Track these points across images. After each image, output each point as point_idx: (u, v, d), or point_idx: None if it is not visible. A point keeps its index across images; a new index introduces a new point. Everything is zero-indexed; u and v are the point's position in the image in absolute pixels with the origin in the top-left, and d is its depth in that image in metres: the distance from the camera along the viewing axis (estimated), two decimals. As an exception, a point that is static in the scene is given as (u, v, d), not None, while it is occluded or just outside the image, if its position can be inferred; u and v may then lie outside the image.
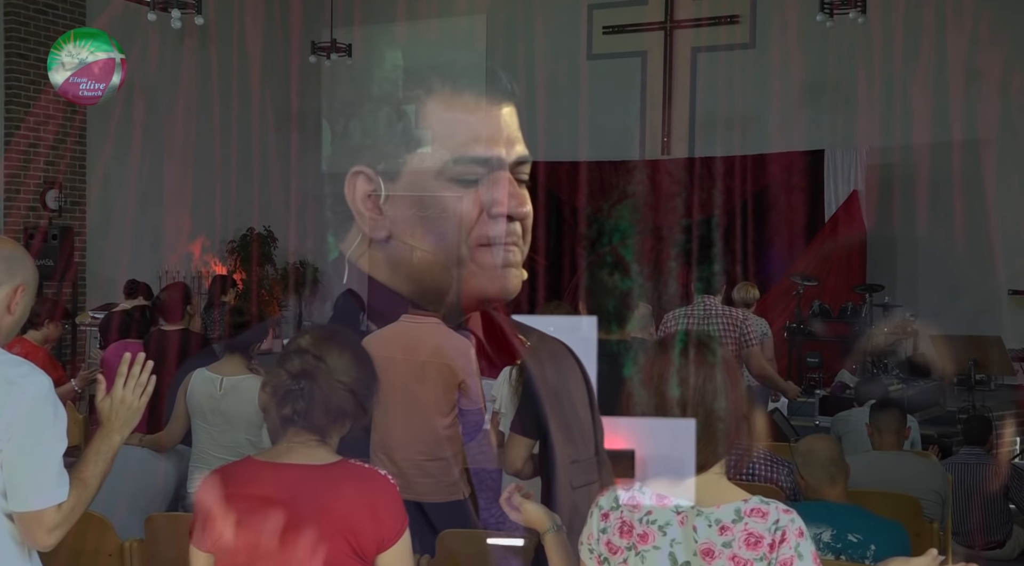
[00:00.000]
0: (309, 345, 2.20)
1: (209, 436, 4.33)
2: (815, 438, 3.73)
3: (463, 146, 2.70)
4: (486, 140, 2.73)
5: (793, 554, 1.85)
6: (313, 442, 2.18)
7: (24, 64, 9.29)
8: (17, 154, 9.35)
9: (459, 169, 2.69)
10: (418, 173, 2.74)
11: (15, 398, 2.19)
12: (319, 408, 2.16)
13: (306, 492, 2.12)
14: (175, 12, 8.16)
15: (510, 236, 2.72)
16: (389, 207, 2.81)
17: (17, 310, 2.35)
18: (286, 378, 2.16)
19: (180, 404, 4.40)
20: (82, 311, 9.31)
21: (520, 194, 2.70)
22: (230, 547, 2.12)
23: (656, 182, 10.45)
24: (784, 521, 1.86)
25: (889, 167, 9.95)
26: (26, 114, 9.38)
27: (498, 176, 2.72)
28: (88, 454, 2.32)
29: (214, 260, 10.96)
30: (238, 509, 2.12)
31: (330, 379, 2.16)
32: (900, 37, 9.58)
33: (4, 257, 2.34)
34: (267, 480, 2.15)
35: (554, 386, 2.87)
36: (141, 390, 2.37)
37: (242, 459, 2.28)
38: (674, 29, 10.87)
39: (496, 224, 2.71)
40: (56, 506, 2.22)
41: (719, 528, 1.88)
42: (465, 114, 2.74)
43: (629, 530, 1.95)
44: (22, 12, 9.30)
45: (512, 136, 2.77)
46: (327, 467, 2.16)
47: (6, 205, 9.31)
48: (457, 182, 2.71)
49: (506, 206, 2.68)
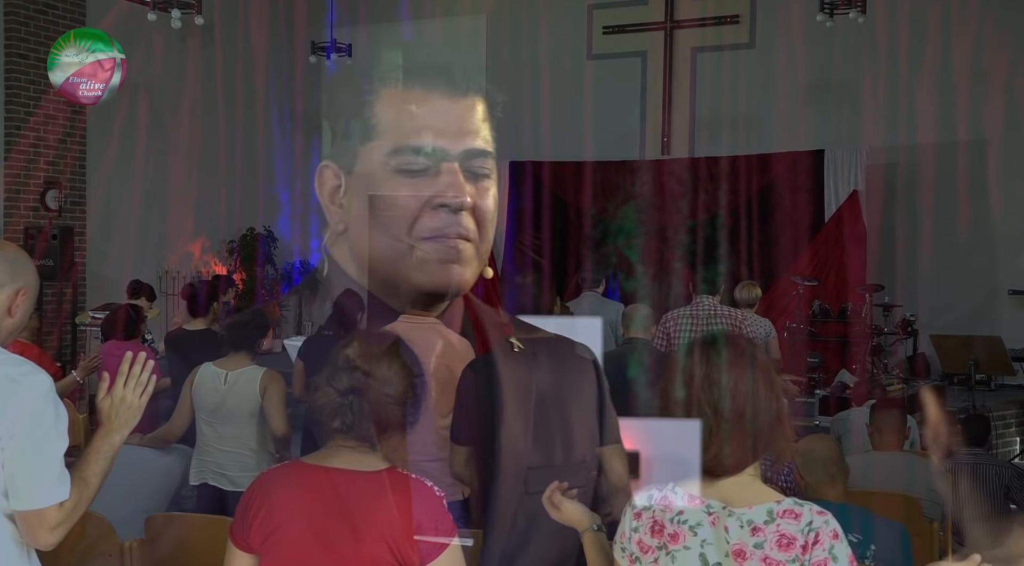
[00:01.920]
0: (357, 358, 2.19)
1: (212, 430, 4.36)
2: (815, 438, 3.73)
3: (405, 136, 2.70)
4: (432, 131, 2.72)
5: (827, 556, 1.84)
6: (363, 448, 2.18)
7: (24, 64, 9.29)
8: (18, 154, 9.35)
9: (401, 159, 2.68)
10: (367, 165, 2.74)
11: (17, 397, 2.20)
12: (367, 421, 2.16)
13: (351, 498, 2.12)
14: (175, 12, 8.16)
15: (456, 229, 2.71)
16: (347, 200, 2.81)
17: (18, 313, 2.36)
18: (335, 395, 2.16)
19: (185, 398, 4.44)
20: (82, 311, 9.31)
21: (461, 184, 2.68)
22: (274, 548, 2.12)
23: (656, 182, 10.45)
24: (818, 523, 1.86)
25: (889, 167, 9.95)
26: (27, 114, 9.38)
27: (443, 167, 2.71)
28: (89, 453, 2.32)
29: (214, 260, 10.96)
30: (284, 511, 2.13)
31: (379, 394, 2.17)
32: (900, 36, 9.58)
33: (6, 260, 2.36)
34: (314, 484, 2.15)
35: (527, 388, 2.85)
36: (141, 389, 2.38)
37: (290, 462, 2.30)
38: (674, 29, 10.87)
39: (437, 215, 2.69)
40: (58, 505, 2.22)
41: (751, 529, 1.87)
42: (413, 106, 2.74)
43: (660, 530, 1.95)
44: (22, 12, 9.30)
45: (464, 128, 2.75)
46: (373, 475, 2.16)
47: (7, 205, 9.31)
48: (401, 173, 2.70)
49: (445, 197, 2.67)
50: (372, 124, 2.75)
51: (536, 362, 2.90)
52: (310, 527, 2.11)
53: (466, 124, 2.76)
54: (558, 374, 2.92)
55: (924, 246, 9.77)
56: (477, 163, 2.73)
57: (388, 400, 2.17)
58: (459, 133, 2.73)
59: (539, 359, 2.93)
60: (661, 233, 10.41)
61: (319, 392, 2.18)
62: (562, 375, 2.92)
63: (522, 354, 2.91)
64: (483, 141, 2.77)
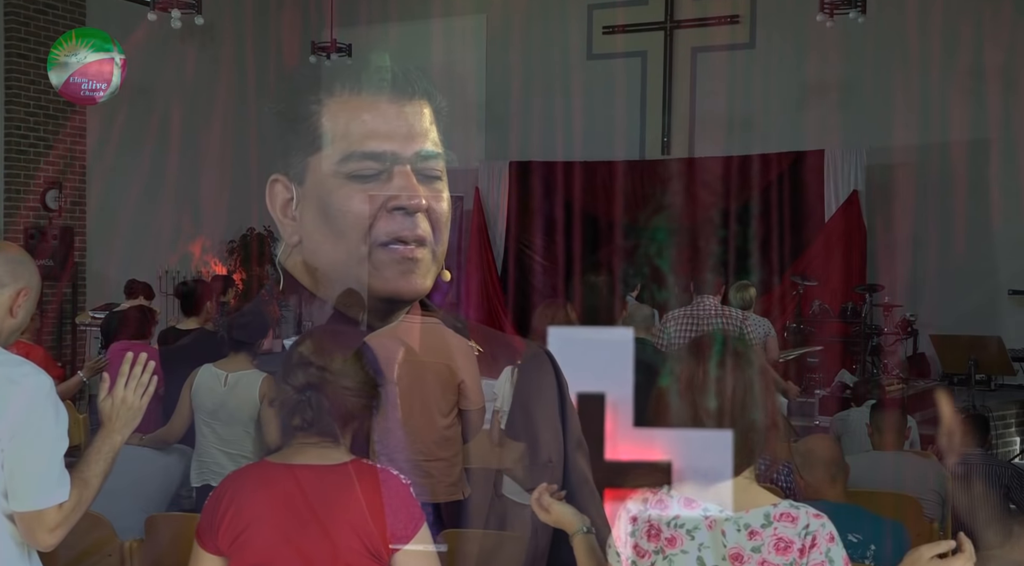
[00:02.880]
0: (311, 354, 2.20)
1: (212, 431, 4.35)
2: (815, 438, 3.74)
3: (356, 143, 2.70)
4: (380, 136, 2.71)
5: (824, 560, 1.84)
6: (326, 443, 2.19)
7: (24, 64, 9.28)
8: (17, 154, 9.35)
9: (352, 165, 2.68)
10: (318, 175, 2.75)
11: (17, 398, 2.20)
12: (328, 415, 2.17)
13: (318, 492, 2.13)
14: (175, 12, 8.15)
15: (414, 232, 2.71)
16: (300, 212, 2.81)
17: (19, 313, 2.37)
18: (292, 393, 2.17)
19: (185, 399, 4.43)
20: (82, 311, 9.31)
21: (415, 186, 2.68)
22: (243, 550, 2.12)
23: (656, 182, 10.46)
24: (815, 526, 1.86)
25: (889, 167, 9.95)
26: (27, 114, 9.38)
27: (395, 171, 2.71)
28: (89, 454, 2.32)
29: (214, 260, 10.96)
30: (251, 511, 2.13)
31: (336, 387, 2.18)
32: (900, 36, 9.59)
33: (8, 260, 2.36)
34: (280, 482, 2.15)
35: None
36: (143, 390, 2.38)
37: (256, 462, 2.29)
38: (674, 29, 10.87)
39: (393, 219, 2.69)
40: (57, 506, 2.22)
41: (748, 533, 1.87)
42: (360, 113, 2.74)
43: (657, 534, 1.94)
44: (22, 12, 9.30)
45: (413, 131, 2.75)
46: (339, 467, 2.17)
47: (6, 205, 9.31)
48: (352, 179, 2.70)
49: (400, 199, 2.67)
50: (320, 133, 2.75)
51: (496, 365, 2.91)
52: (279, 526, 2.12)
53: (415, 127, 2.77)
54: (522, 381, 2.93)
55: (924, 246, 9.77)
56: (429, 165, 2.74)
57: (347, 392, 2.18)
58: (409, 136, 2.74)
59: (499, 362, 2.94)
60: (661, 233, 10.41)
61: (276, 389, 2.21)
62: (523, 375, 2.93)
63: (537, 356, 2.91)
64: (432, 143, 2.78)
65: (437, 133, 2.81)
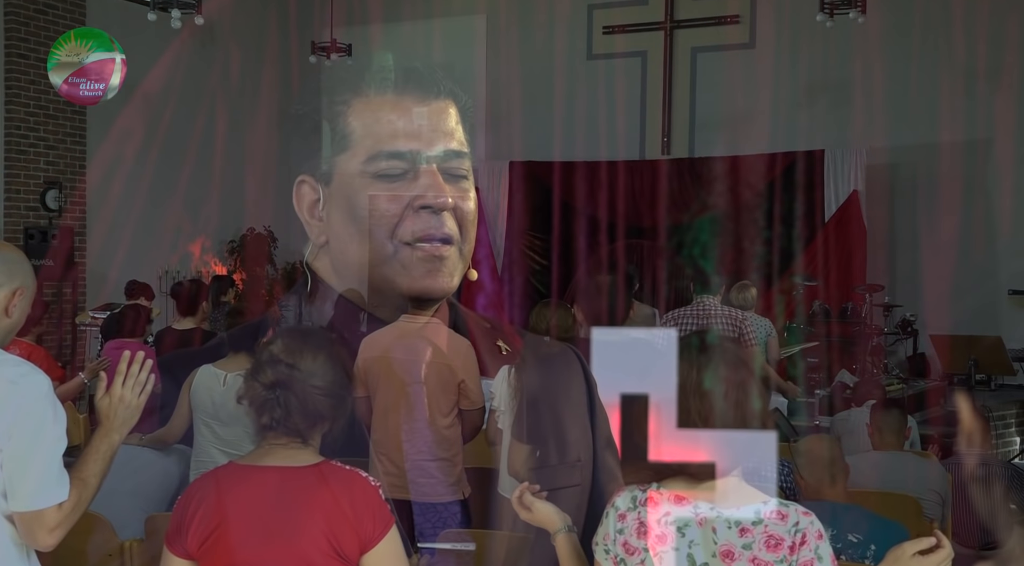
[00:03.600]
0: (281, 352, 2.19)
1: (211, 431, 4.35)
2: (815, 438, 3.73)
3: (382, 143, 2.70)
4: (406, 136, 2.72)
5: (813, 557, 1.85)
6: (294, 444, 2.18)
7: (24, 64, 9.28)
8: (17, 154, 9.35)
9: (378, 165, 2.69)
10: (345, 174, 2.74)
11: (16, 398, 2.20)
12: (296, 414, 2.16)
13: (286, 494, 2.12)
14: (175, 12, 8.15)
15: (441, 231, 2.70)
16: (327, 212, 2.81)
17: (15, 313, 2.36)
18: (261, 389, 2.16)
19: (184, 400, 4.43)
20: (82, 311, 9.31)
21: (441, 185, 2.68)
22: (211, 553, 2.12)
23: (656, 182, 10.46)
24: (804, 523, 1.87)
25: (889, 167, 9.95)
26: (27, 114, 9.38)
27: (421, 170, 2.71)
28: (87, 453, 2.32)
29: (214, 260, 10.96)
30: (219, 514, 2.12)
31: (305, 385, 2.16)
32: (900, 37, 9.59)
33: (4, 260, 2.36)
34: (248, 483, 2.15)
35: (532, 392, 2.86)
36: (140, 389, 2.38)
37: (224, 464, 2.29)
38: (674, 29, 10.86)
39: (420, 217, 2.69)
40: (57, 506, 2.22)
41: (739, 530, 1.88)
42: (386, 113, 2.74)
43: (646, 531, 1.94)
44: (22, 12, 9.29)
45: (439, 131, 2.75)
46: (307, 469, 2.16)
47: (6, 205, 9.31)
48: (379, 179, 2.71)
49: (427, 198, 2.66)
50: (346, 134, 2.74)
51: (526, 365, 2.90)
52: (247, 528, 2.11)
53: (441, 126, 2.77)
54: (549, 375, 2.92)
55: (924, 246, 9.76)
56: (455, 164, 2.73)
57: (315, 392, 2.16)
58: (434, 135, 2.74)
59: (528, 361, 2.93)
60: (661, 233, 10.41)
61: (245, 385, 2.19)
62: (553, 376, 2.92)
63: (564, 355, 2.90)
64: (459, 143, 2.78)
65: (463, 133, 2.81)
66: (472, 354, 3.65)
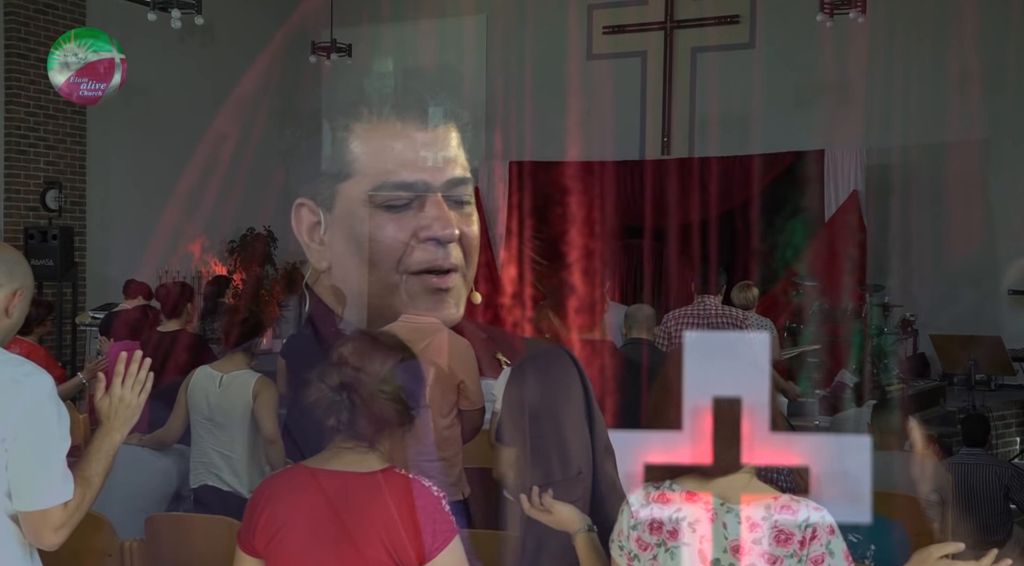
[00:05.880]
0: (350, 356, 2.19)
1: (208, 432, 4.34)
2: (815, 438, 3.72)
3: (387, 173, 2.68)
4: (411, 165, 2.69)
5: (824, 551, 1.87)
6: (361, 448, 2.18)
7: (24, 64, 9.28)
8: (17, 154, 9.35)
9: (384, 195, 2.67)
10: (348, 202, 2.73)
11: (19, 398, 2.20)
12: (363, 418, 2.15)
13: (348, 500, 2.12)
14: (175, 12, 8.16)
15: (447, 262, 2.69)
16: (329, 237, 2.80)
17: (14, 313, 2.37)
18: (327, 391, 2.16)
19: (181, 401, 4.42)
20: (82, 311, 9.31)
21: (447, 216, 2.66)
22: (276, 553, 2.14)
23: (656, 182, 10.45)
24: (815, 518, 1.88)
25: (889, 167, 9.95)
26: (27, 114, 9.38)
27: (427, 200, 2.69)
28: (89, 453, 2.33)
29: (214, 260, 10.96)
30: (284, 515, 2.14)
31: (371, 390, 2.16)
32: (900, 37, 9.58)
33: (3, 261, 2.37)
34: (312, 487, 2.16)
35: (532, 405, 2.83)
36: (140, 388, 2.38)
37: (292, 466, 2.30)
38: (674, 29, 10.86)
39: (426, 249, 2.68)
40: (62, 505, 2.23)
41: (749, 525, 1.89)
42: (391, 141, 2.72)
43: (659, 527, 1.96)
44: (22, 12, 9.30)
45: (444, 159, 2.73)
46: (371, 475, 2.15)
47: (6, 205, 9.32)
48: (385, 208, 2.69)
49: (432, 230, 2.65)
50: (349, 161, 2.73)
51: (524, 376, 2.88)
52: (310, 531, 2.12)
53: (445, 154, 2.76)
54: (547, 385, 2.89)
55: (923, 246, 9.77)
56: (459, 192, 2.72)
57: (383, 396, 2.16)
58: (439, 164, 2.73)
59: (525, 370, 2.91)
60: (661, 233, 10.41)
61: (311, 388, 2.18)
62: (552, 385, 2.89)
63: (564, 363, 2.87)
64: (462, 168, 2.77)
65: (464, 155, 2.80)
66: (472, 355, 3.65)
